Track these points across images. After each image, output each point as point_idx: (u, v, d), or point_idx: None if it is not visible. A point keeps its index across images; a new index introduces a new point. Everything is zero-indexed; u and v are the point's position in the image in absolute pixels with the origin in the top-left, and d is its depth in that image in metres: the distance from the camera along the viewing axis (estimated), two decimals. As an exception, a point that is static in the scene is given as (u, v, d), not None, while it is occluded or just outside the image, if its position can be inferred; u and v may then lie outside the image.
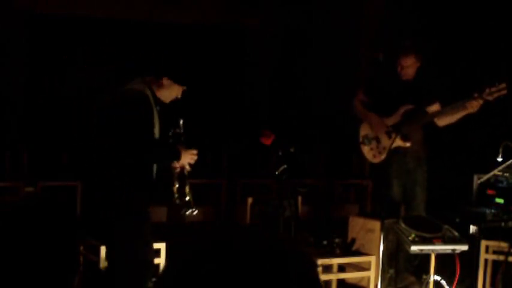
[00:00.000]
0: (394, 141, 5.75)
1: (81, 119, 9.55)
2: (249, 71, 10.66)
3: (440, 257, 5.22)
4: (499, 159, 5.31)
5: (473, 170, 5.62)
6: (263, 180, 8.95)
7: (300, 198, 7.94)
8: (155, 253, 5.36)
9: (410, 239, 5.04)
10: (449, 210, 5.48)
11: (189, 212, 4.79)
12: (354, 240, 5.85)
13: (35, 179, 8.15)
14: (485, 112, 5.63)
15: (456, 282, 5.19)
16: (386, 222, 5.44)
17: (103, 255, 5.09)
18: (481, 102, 5.48)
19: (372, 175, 9.14)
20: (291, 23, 10.68)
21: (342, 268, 5.82)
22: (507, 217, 5.10)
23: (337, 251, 5.64)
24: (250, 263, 1.20)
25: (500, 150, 5.32)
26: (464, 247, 5.10)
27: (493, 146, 5.45)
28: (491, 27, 8.34)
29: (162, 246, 5.41)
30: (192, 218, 8.88)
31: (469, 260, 5.33)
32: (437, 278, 5.21)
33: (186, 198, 4.81)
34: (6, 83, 9.45)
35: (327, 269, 5.57)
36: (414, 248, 5.03)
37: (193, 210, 4.80)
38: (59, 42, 9.71)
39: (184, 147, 4.74)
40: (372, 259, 5.60)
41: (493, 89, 5.45)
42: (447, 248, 5.08)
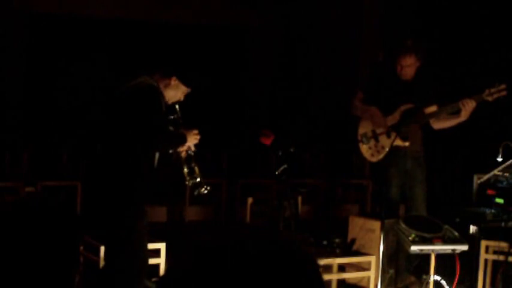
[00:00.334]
0: (393, 141, 5.74)
1: (80, 119, 9.55)
2: (249, 71, 10.67)
3: (440, 257, 5.22)
4: (499, 159, 5.30)
5: (473, 170, 5.62)
6: (263, 180, 8.95)
7: (300, 198, 7.95)
8: (155, 253, 5.37)
9: (411, 239, 5.03)
10: (449, 210, 5.47)
11: (202, 190, 4.85)
12: (354, 240, 5.84)
13: (35, 179, 8.15)
14: (485, 112, 5.63)
15: (456, 282, 5.19)
16: (387, 222, 5.43)
17: (103, 255, 5.09)
18: (475, 103, 5.48)
19: (372, 175, 9.14)
20: (291, 22, 10.68)
21: (342, 268, 5.82)
22: (507, 217, 5.10)
23: (337, 251, 5.64)
24: (257, 264, 1.20)
25: (500, 150, 5.32)
26: (464, 247, 5.09)
27: (493, 146, 5.45)
28: (491, 27, 8.34)
29: (162, 246, 5.40)
30: (192, 218, 8.92)
31: (469, 260, 5.33)
32: (437, 278, 5.21)
33: (197, 180, 4.85)
34: (5, 83, 9.45)
35: (327, 269, 5.57)
36: (414, 248, 5.03)
37: (206, 187, 4.86)
38: (58, 42, 9.71)
39: (186, 130, 4.77)
40: (372, 259, 5.60)
41: (492, 89, 5.45)
42: (447, 248, 5.07)
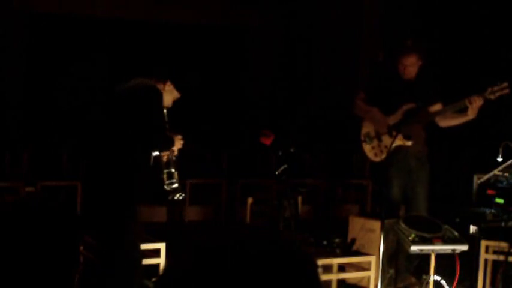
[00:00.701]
0: (395, 140, 5.73)
1: (80, 119, 9.55)
2: (249, 71, 10.66)
3: (440, 257, 5.22)
4: (499, 159, 5.30)
5: (473, 170, 5.61)
6: (263, 180, 8.95)
7: (300, 198, 7.95)
8: (155, 253, 5.37)
9: (410, 239, 5.03)
10: (449, 210, 5.47)
11: (177, 197, 4.88)
12: (354, 240, 5.84)
13: (35, 179, 8.15)
14: (486, 112, 5.62)
15: (456, 282, 5.19)
16: (387, 222, 5.43)
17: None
18: (482, 101, 5.47)
19: (372, 175, 9.14)
20: (291, 23, 10.68)
21: (342, 268, 5.81)
22: (507, 217, 5.09)
23: (337, 251, 5.64)
24: (257, 264, 1.20)
25: (500, 150, 5.32)
26: (464, 247, 5.09)
27: (493, 146, 5.45)
28: (492, 26, 8.34)
29: (162, 246, 5.40)
30: (192, 218, 8.92)
31: (469, 260, 5.33)
32: (437, 278, 5.20)
33: (174, 185, 4.88)
34: (5, 83, 9.45)
35: (327, 269, 5.56)
36: (414, 248, 5.03)
37: (181, 194, 4.90)
38: (58, 42, 9.71)
39: (173, 134, 4.80)
40: (372, 259, 5.60)
41: (495, 88, 5.45)
42: (447, 248, 5.07)
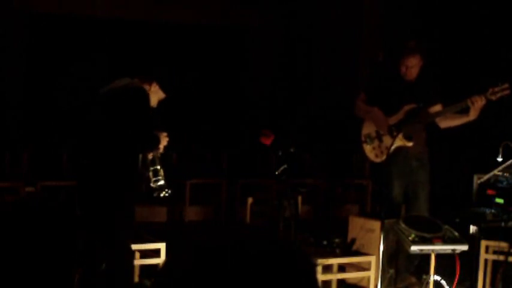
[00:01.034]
0: (396, 140, 5.72)
1: (74, 119, 9.54)
2: (249, 71, 10.66)
3: (440, 257, 5.22)
4: (499, 159, 5.30)
5: (473, 170, 5.61)
6: (263, 180, 8.95)
7: (300, 198, 7.95)
8: (155, 253, 5.37)
9: (410, 239, 5.03)
10: (449, 210, 5.47)
11: (163, 194, 4.87)
12: (354, 240, 5.84)
13: (35, 179, 8.15)
14: (486, 112, 5.62)
15: (456, 282, 5.19)
16: (387, 222, 5.43)
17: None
18: (484, 101, 5.47)
19: (373, 175, 9.14)
20: (291, 23, 10.68)
21: (342, 268, 5.81)
22: (507, 217, 5.09)
23: (337, 251, 5.64)
24: (256, 264, 1.20)
25: (500, 150, 5.32)
26: (464, 247, 5.09)
27: (493, 146, 5.45)
28: (492, 26, 8.34)
29: (162, 246, 5.40)
30: (192, 218, 8.91)
31: (469, 260, 5.33)
32: (437, 278, 5.20)
33: (160, 182, 4.88)
34: (5, 83, 9.45)
35: (327, 269, 5.56)
36: (414, 248, 5.03)
37: (167, 191, 4.90)
38: (58, 42, 9.71)
39: (158, 132, 4.82)
40: (372, 259, 5.60)
41: (496, 89, 5.45)
42: (447, 248, 5.07)
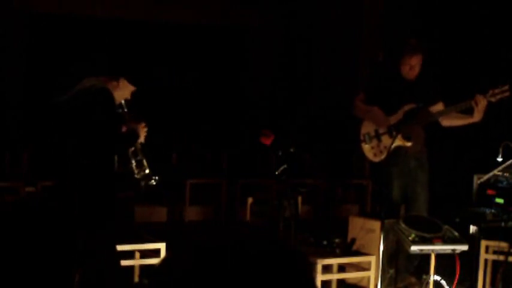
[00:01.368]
0: (395, 140, 5.72)
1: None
2: (249, 71, 10.66)
3: (440, 257, 5.22)
4: (499, 159, 5.30)
5: (473, 170, 5.61)
6: (263, 180, 8.94)
7: (300, 198, 7.94)
8: (155, 253, 5.37)
9: (410, 239, 5.03)
10: (449, 210, 5.47)
11: (151, 182, 4.88)
12: (354, 240, 5.84)
13: (35, 179, 8.15)
14: (486, 112, 5.62)
15: (456, 282, 5.19)
16: (387, 222, 5.43)
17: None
18: (486, 100, 5.47)
19: (372, 175, 9.13)
20: (291, 23, 10.68)
21: (342, 268, 5.82)
22: (507, 217, 5.10)
23: (337, 251, 5.64)
24: (256, 264, 1.20)
25: (500, 150, 5.32)
26: (464, 247, 5.09)
27: (493, 146, 5.45)
28: (492, 26, 8.34)
29: (162, 246, 5.40)
30: (192, 218, 8.91)
31: (469, 260, 5.33)
32: (437, 278, 5.21)
33: (145, 171, 4.88)
34: (5, 83, 9.44)
35: (327, 269, 5.57)
36: (414, 248, 5.03)
37: (155, 178, 4.90)
38: (58, 42, 9.70)
39: (135, 124, 4.81)
40: (372, 259, 5.60)
41: (496, 90, 5.45)
42: (447, 248, 5.07)
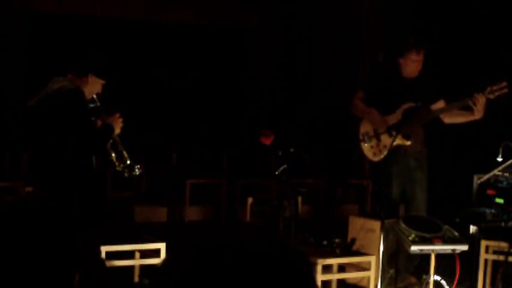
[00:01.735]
0: (395, 139, 5.72)
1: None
2: (249, 71, 10.66)
3: (440, 257, 5.22)
4: (499, 159, 5.30)
5: (473, 170, 5.61)
6: (263, 180, 8.94)
7: (300, 198, 7.94)
8: (155, 253, 5.36)
9: (410, 239, 5.03)
10: (449, 210, 5.47)
11: (135, 172, 4.88)
12: (354, 240, 5.84)
13: (35, 179, 8.13)
14: (486, 112, 5.62)
15: (456, 282, 5.19)
16: (387, 222, 5.43)
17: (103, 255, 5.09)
18: (484, 98, 5.47)
19: (372, 175, 9.13)
20: (291, 23, 10.68)
21: (342, 268, 5.81)
22: (507, 217, 5.10)
23: (337, 251, 5.64)
24: (256, 264, 1.20)
25: (500, 150, 5.32)
26: (464, 247, 5.09)
27: (493, 146, 5.45)
28: (492, 26, 8.34)
29: (162, 246, 5.39)
30: (192, 218, 8.91)
31: (469, 260, 5.33)
32: (437, 278, 5.21)
33: (127, 162, 4.89)
34: (5, 83, 9.44)
35: (327, 269, 5.56)
36: (414, 248, 5.03)
37: (137, 168, 4.89)
38: (58, 42, 9.70)
39: (109, 117, 4.82)
40: (372, 259, 5.60)
41: (494, 87, 5.45)
42: (447, 248, 5.07)
